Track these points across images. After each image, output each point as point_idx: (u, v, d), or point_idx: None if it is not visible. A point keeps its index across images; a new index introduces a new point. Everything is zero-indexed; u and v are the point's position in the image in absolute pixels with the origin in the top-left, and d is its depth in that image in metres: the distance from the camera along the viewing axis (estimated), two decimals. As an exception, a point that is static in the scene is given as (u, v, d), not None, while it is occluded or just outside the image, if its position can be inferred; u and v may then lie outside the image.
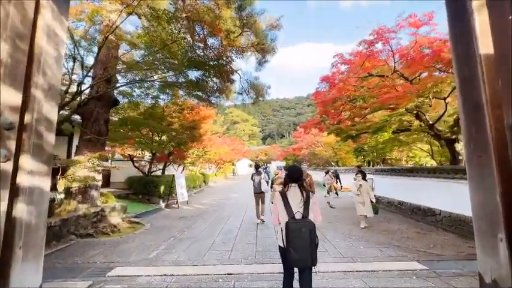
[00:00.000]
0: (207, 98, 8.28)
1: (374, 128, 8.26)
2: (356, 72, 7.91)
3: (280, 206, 2.65)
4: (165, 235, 6.55)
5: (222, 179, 32.65)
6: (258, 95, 8.33)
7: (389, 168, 10.75)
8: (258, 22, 6.50)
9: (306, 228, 2.44)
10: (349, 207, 10.47)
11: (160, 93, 10.68)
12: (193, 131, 10.99)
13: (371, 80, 8.68)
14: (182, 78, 7.34)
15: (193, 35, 6.70)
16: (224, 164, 34.79)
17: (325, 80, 8.99)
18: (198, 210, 10.56)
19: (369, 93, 7.87)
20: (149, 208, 10.42)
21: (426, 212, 8.27)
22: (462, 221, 6.90)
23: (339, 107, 9.19)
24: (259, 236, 6.40)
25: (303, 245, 2.40)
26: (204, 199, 14.20)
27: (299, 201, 2.62)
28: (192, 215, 9.58)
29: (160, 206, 11.14)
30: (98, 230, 6.50)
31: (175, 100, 10.77)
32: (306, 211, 2.57)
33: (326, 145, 23.32)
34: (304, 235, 2.42)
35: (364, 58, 7.35)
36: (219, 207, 11.23)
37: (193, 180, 17.27)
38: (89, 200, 7.04)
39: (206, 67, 6.74)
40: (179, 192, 11.52)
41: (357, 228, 7.15)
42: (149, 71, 7.60)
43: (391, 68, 7.61)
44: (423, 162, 20.24)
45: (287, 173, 2.93)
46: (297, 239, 2.41)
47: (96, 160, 6.65)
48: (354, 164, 22.39)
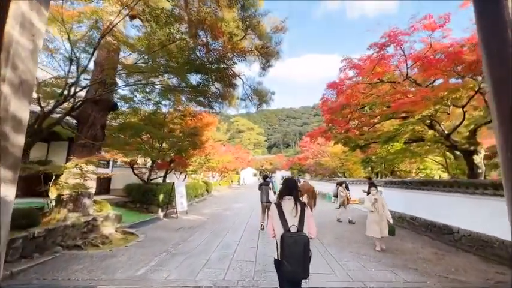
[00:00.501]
0: (209, 103, 7.96)
1: (385, 138, 7.74)
2: (366, 77, 7.46)
3: (276, 218, 2.63)
4: (158, 249, 6.08)
5: (226, 188, 32.11)
6: (262, 101, 7.96)
7: (400, 181, 10.12)
8: (262, 24, 6.20)
9: (300, 242, 2.44)
10: (358, 222, 9.84)
11: (162, 99, 10.44)
12: (195, 138, 10.63)
13: (381, 88, 8.23)
14: (183, 82, 7.03)
15: (195, 37, 6.43)
16: (228, 173, 34.33)
17: (332, 86, 8.54)
18: (198, 221, 10.07)
19: (380, 100, 7.40)
20: (147, 217, 9.99)
21: (442, 229, 7.60)
22: (484, 241, 6.24)
23: (347, 114, 8.71)
24: (259, 253, 5.87)
25: (297, 258, 2.42)
26: (205, 209, 13.70)
27: (294, 213, 2.60)
28: (191, 226, 9.10)
29: (158, 215, 10.70)
30: (87, 241, 6.08)
31: (177, 106, 10.51)
32: (300, 224, 2.55)
33: (332, 155, 22.69)
34: (298, 248, 2.42)
35: (374, 63, 6.91)
36: (219, 218, 10.72)
37: (195, 189, 16.82)
38: (80, 208, 6.65)
39: (207, 70, 6.42)
40: (178, 202, 11.08)
41: (367, 246, 6.54)
42: (149, 74, 7.33)
43: (403, 73, 7.15)
44: (434, 174, 19.41)
45: (282, 186, 2.95)
46: (291, 252, 2.42)
47: (86, 166, 6.29)
48: (362, 175, 21.65)
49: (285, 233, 2.48)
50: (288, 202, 2.68)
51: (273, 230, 2.68)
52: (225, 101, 8.62)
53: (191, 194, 15.76)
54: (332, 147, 21.84)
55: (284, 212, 2.60)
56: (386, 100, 7.31)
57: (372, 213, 6.34)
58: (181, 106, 10.90)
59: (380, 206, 6.30)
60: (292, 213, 2.60)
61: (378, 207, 6.27)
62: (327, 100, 9.13)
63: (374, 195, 6.51)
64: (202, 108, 10.64)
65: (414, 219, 9.21)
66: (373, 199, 6.40)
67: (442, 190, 7.78)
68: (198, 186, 17.72)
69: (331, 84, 8.55)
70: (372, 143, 9.45)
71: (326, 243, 6.84)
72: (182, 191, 11.44)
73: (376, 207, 6.29)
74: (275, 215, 2.64)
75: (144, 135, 11.36)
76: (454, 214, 7.27)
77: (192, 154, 12.90)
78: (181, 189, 11.43)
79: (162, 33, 5.86)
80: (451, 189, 7.37)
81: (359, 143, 9.17)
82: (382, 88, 8.20)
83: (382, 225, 6.16)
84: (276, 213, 2.63)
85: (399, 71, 7.38)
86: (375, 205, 6.30)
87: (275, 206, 2.70)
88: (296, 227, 2.52)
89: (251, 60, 7.62)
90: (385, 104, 7.49)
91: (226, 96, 8.21)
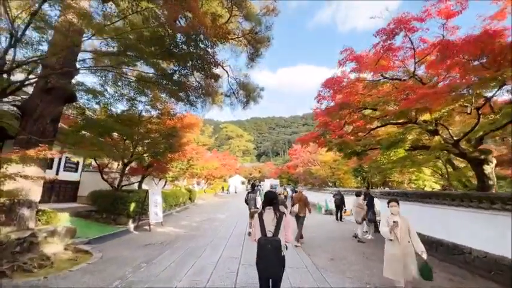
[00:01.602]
0: (188, 98, 6.84)
1: (387, 143, 6.85)
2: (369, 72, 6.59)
3: (256, 225, 3.09)
4: (111, 274, 4.79)
5: (212, 196, 30.57)
6: (249, 98, 6.94)
7: (400, 192, 9.24)
8: (250, 1, 5.25)
9: (272, 244, 2.90)
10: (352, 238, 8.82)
11: (137, 95, 9.24)
12: (173, 139, 9.38)
13: (381, 88, 7.41)
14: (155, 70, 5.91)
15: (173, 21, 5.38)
16: (214, 180, 32.86)
17: (329, 83, 7.59)
18: (172, 235, 8.75)
19: (385, 99, 6.51)
20: (113, 230, 8.57)
21: (451, 249, 6.67)
22: (505, 265, 5.32)
23: (345, 116, 7.79)
24: (240, 281, 4.68)
25: (269, 258, 2.89)
26: (184, 220, 12.34)
27: (272, 221, 3.03)
28: (163, 241, 7.79)
29: (128, 227, 9.28)
30: (17, 265, 4.70)
31: (155, 103, 9.30)
32: (276, 230, 2.97)
33: (323, 164, 21.85)
34: (269, 249, 2.89)
35: (379, 55, 6.07)
36: (198, 232, 9.43)
37: (176, 197, 15.41)
38: (15, 221, 5.27)
39: (183, 55, 5.34)
40: (152, 212, 9.73)
41: (374, 271, 5.49)
42: (118, 59, 6.15)
43: (409, 71, 6.35)
44: (426, 186, 18.88)
45: (264, 198, 3.28)
46: (265, 253, 2.91)
47: (24, 166, 4.96)
48: (353, 185, 20.86)
49: (262, 237, 2.97)
50: (268, 211, 3.14)
51: (254, 235, 3.11)
52: (207, 97, 7.52)
53: (171, 202, 14.37)
54: (323, 156, 21.04)
55: (264, 220, 3.05)
56: (392, 98, 6.43)
57: (391, 244, 4.24)
58: (159, 104, 9.70)
59: (403, 232, 4.19)
60: (271, 221, 3.03)
61: (399, 234, 4.17)
62: (322, 99, 8.17)
63: (394, 215, 4.40)
64: (183, 107, 9.50)
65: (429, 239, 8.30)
66: (392, 222, 4.28)
67: (450, 204, 6.91)
68: (180, 194, 16.30)
69: (328, 81, 7.60)
70: (370, 150, 8.59)
71: (321, 266, 5.74)
72: (157, 199, 10.11)
73: (396, 233, 4.18)
74: (256, 223, 3.11)
75: (117, 135, 10.06)
76: (465, 232, 6.37)
77: (171, 158, 11.62)
78: (157, 198, 10.09)
79: (134, 17, 4.77)
80: (462, 203, 6.50)
81: (356, 149, 8.26)
82: (383, 89, 7.37)
83: (407, 261, 4.07)
84: (257, 221, 3.09)
85: (404, 69, 6.56)
86: (395, 231, 4.19)
87: (257, 215, 3.17)
88: (272, 232, 2.97)
89: (238, 51, 6.60)
90: (391, 102, 6.61)
91: (209, 92, 7.13)
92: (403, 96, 6.07)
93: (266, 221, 3.01)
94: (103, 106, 9.17)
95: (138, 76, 7.14)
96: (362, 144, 8.06)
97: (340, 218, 13.02)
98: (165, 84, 6.45)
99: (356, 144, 8.04)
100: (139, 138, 9.27)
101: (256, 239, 3.02)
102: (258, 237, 2.98)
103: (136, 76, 7.14)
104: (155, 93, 9.32)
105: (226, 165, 30.70)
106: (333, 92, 7.53)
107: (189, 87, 6.46)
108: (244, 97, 7.07)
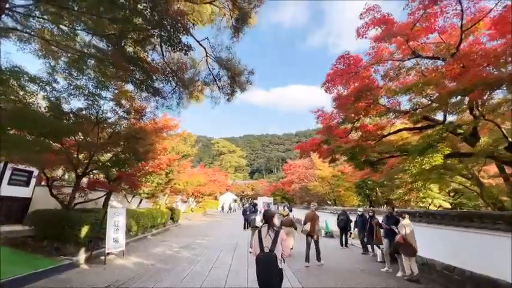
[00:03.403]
0: (151, 84, 5.05)
1: (422, 145, 5.10)
2: (398, 47, 4.95)
3: (256, 242, 3.54)
4: None
5: (200, 215, 27.97)
6: (235, 84, 5.20)
7: (423, 212, 7.41)
8: None
9: (268, 258, 3.31)
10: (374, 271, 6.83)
11: (98, 89, 7.41)
12: (139, 144, 7.39)
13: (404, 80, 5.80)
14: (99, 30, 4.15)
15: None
16: (203, 198, 30.38)
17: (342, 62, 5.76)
18: (131, 271, 6.58)
19: (427, 79, 4.79)
20: (51, 264, 6.34)
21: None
22: None
23: (361, 110, 6.02)
24: None
25: (265, 269, 3.30)
26: (157, 246, 10.07)
27: (269, 237, 3.43)
28: (113, 281, 5.64)
29: (75, 259, 7.03)
30: None
31: (120, 100, 7.46)
32: (273, 246, 3.35)
33: (321, 180, 19.97)
34: (266, 262, 3.31)
35: (415, 18, 4.52)
36: (168, 265, 7.26)
37: (153, 217, 13.12)
38: None
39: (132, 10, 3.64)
40: (110, 238, 7.55)
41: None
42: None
43: (449, 47, 4.79)
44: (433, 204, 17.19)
45: (263, 216, 3.75)
46: (262, 266, 3.32)
47: None
48: (355, 203, 18.90)
49: (260, 253, 3.42)
50: (264, 229, 3.55)
51: (254, 251, 3.56)
52: (181, 87, 5.75)
53: (145, 223, 12.09)
54: (321, 171, 19.22)
55: (262, 237, 3.47)
56: (436, 79, 4.73)
57: None
58: (127, 102, 7.86)
59: None
60: (267, 237, 3.43)
61: None
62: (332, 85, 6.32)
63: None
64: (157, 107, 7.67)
65: (451, 269, 6.37)
66: None
67: (497, 229, 5.10)
68: (158, 214, 13.99)
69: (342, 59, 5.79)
70: (389, 157, 6.87)
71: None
72: (120, 221, 7.95)
73: None
74: (256, 239, 3.55)
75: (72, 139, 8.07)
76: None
77: (143, 170, 9.61)
78: (119, 220, 7.94)
79: None
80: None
81: (371, 156, 6.51)
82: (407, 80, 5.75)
83: None
84: (256, 237, 3.54)
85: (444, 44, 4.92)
86: None
87: (257, 232, 3.59)
88: (268, 248, 3.36)
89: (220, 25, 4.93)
90: (430, 85, 4.90)
91: (183, 79, 5.37)
92: (455, 70, 4.39)
93: (264, 237, 3.43)
94: (56, 100, 7.34)
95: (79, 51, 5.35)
96: (379, 150, 6.32)
97: (345, 244, 10.94)
98: (111, 58, 4.63)
99: (373, 150, 6.30)
100: (98, 143, 7.30)
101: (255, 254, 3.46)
102: (256, 252, 3.44)
103: (78, 51, 5.35)
104: (120, 88, 7.52)
105: (216, 181, 28.41)
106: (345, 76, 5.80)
107: (151, 68, 4.70)
108: (229, 83, 5.35)
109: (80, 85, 7.28)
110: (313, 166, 21.39)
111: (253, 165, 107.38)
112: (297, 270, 7.05)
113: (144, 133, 7.27)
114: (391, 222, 6.83)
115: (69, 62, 6.52)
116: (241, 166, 68.53)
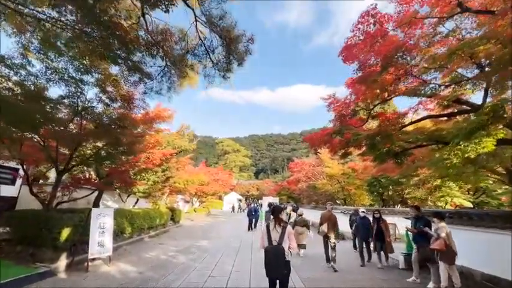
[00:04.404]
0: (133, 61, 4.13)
1: (469, 129, 4.03)
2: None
3: (264, 235, 3.74)
4: None
5: (203, 216, 27.07)
6: (231, 54, 4.22)
7: (454, 212, 6.31)
8: None
9: (276, 251, 3.52)
10: None
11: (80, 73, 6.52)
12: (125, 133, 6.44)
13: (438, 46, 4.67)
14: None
15: None
16: (207, 198, 29.50)
17: (368, 16, 4.55)
18: (115, 282, 5.67)
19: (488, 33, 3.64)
20: (25, 272, 5.48)
21: None
22: None
23: (389, 84, 4.88)
24: None
25: (273, 262, 3.51)
26: (153, 249, 9.17)
27: (277, 231, 3.66)
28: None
29: (53, 267, 6.15)
30: None
31: (104, 85, 6.55)
32: (280, 239, 3.58)
33: (330, 178, 18.82)
34: (274, 255, 3.52)
35: None
36: (160, 272, 6.32)
37: (151, 218, 12.23)
38: None
39: None
40: (95, 242, 6.67)
41: None
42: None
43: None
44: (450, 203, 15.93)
45: (271, 211, 4.06)
46: (269, 258, 3.55)
47: None
48: (367, 202, 17.71)
49: (268, 246, 3.61)
50: (272, 223, 3.76)
51: (262, 243, 3.77)
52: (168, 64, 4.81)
53: (141, 225, 11.21)
54: (330, 168, 18.09)
55: (270, 231, 3.67)
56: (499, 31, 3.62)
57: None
58: (112, 88, 6.97)
59: None
60: (275, 231, 3.66)
61: None
62: (353, 53, 5.13)
63: None
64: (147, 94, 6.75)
65: (496, 281, 5.27)
66: None
67: None
68: (156, 215, 13.11)
69: (369, 14, 4.62)
70: (416, 147, 5.80)
71: None
72: (105, 223, 7.05)
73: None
74: (265, 233, 3.73)
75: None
76: None
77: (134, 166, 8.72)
78: (105, 221, 7.05)
79: None
80: None
81: (395, 146, 5.45)
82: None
83: None
84: (265, 231, 3.73)
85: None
86: None
87: (265, 227, 3.83)
88: (277, 241, 3.57)
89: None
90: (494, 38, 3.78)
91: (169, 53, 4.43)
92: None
93: (272, 231, 3.65)
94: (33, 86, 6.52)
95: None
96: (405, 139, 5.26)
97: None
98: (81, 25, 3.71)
99: (399, 138, 5.25)
100: (79, 133, 6.41)
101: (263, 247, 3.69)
102: (265, 245, 3.65)
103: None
104: (104, 71, 6.63)
105: (220, 180, 27.47)
106: (369, 41, 4.68)
107: (130, 38, 3.78)
108: (224, 56, 4.39)
109: (58, 68, 6.44)
110: (321, 163, 20.28)
111: (258, 165, 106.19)
112: (306, 278, 6.05)
113: (129, 121, 6.32)
114: (422, 224, 5.74)
115: (42, 39, 5.65)
116: (246, 165, 67.53)
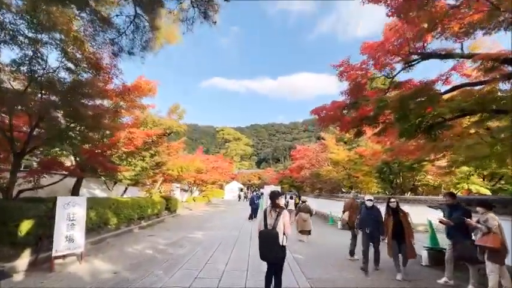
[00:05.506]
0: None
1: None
2: None
3: (261, 219, 3.86)
4: None
5: (203, 204, 26.17)
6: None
7: (499, 199, 5.14)
8: None
9: (269, 234, 3.62)
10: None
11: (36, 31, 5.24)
12: (88, 106, 5.20)
13: None
14: None
15: None
16: (206, 186, 28.57)
17: None
18: (81, 285, 4.60)
19: None
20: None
21: None
22: None
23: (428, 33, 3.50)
24: None
25: (267, 245, 3.61)
26: (140, 242, 8.14)
27: (272, 216, 3.72)
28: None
29: (9, 266, 5.11)
30: None
31: (67, 46, 5.30)
32: (275, 223, 3.63)
33: (335, 164, 17.64)
34: (267, 238, 3.63)
35: None
36: (139, 274, 5.24)
37: (140, 207, 11.23)
38: None
39: None
40: (61, 236, 5.59)
41: None
42: None
43: None
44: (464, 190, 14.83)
45: (269, 196, 3.98)
46: (263, 241, 3.65)
47: None
48: (375, 190, 16.58)
49: (263, 229, 3.71)
50: (269, 208, 3.83)
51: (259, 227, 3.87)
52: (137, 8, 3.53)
53: (130, 215, 10.21)
54: (335, 154, 16.89)
55: (267, 215, 3.76)
56: None
57: None
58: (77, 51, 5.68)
59: None
60: (270, 215, 3.73)
61: None
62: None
63: None
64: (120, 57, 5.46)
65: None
66: None
67: None
68: (148, 204, 12.10)
69: None
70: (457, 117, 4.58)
71: None
72: (75, 214, 5.94)
73: None
74: (262, 218, 3.83)
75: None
76: None
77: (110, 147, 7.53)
78: (75, 211, 5.93)
79: None
80: None
81: (432, 115, 4.23)
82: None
83: None
84: (263, 216, 3.82)
85: None
86: None
87: (263, 212, 3.91)
88: (272, 225, 3.64)
89: None
90: None
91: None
92: None
93: (268, 215, 3.73)
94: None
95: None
96: (438, 113, 4.00)
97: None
98: None
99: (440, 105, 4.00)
100: (37, 106, 5.20)
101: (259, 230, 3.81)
102: (260, 229, 3.75)
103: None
104: (66, 26, 5.32)
105: (219, 168, 26.40)
106: None
107: None
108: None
109: (5, 23, 5.16)
110: (326, 149, 19.06)
111: (260, 154, 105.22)
112: (313, 280, 4.96)
113: (94, 90, 5.08)
114: (460, 215, 4.53)
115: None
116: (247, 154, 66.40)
